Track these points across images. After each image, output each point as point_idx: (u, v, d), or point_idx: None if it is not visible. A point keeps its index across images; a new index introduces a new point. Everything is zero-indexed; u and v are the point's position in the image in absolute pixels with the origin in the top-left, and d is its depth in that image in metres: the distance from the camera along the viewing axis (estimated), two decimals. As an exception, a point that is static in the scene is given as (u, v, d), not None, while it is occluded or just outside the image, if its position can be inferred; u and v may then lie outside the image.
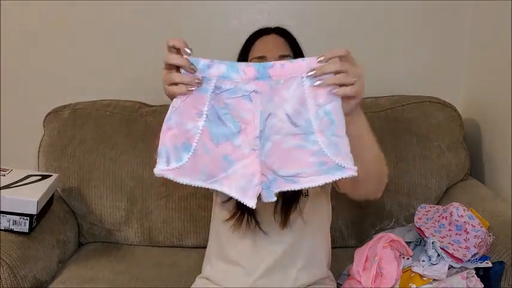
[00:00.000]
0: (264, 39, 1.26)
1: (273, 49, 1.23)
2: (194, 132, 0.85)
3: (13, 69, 1.97)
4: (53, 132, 1.76)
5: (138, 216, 1.72)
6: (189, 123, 0.85)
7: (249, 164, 0.86)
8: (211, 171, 0.86)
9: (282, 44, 1.25)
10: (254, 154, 0.86)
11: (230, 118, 0.86)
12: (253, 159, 0.86)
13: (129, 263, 1.61)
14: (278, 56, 1.21)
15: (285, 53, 1.23)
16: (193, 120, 0.85)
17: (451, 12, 1.89)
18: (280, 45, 1.24)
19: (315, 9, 1.90)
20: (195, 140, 0.85)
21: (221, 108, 0.85)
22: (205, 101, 0.84)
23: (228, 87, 0.85)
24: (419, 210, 1.48)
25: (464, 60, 1.92)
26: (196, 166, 0.85)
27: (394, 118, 1.72)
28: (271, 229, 1.23)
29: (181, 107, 0.84)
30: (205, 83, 0.84)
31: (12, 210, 1.43)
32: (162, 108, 1.82)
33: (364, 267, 1.28)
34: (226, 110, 0.86)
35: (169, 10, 1.91)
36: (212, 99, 0.85)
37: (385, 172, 1.09)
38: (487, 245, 1.30)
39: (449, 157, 1.69)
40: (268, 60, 1.16)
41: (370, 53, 1.93)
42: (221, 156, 0.86)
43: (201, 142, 0.85)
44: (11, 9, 1.92)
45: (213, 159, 0.86)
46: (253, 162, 0.86)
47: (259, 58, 1.22)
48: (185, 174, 0.85)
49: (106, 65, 1.96)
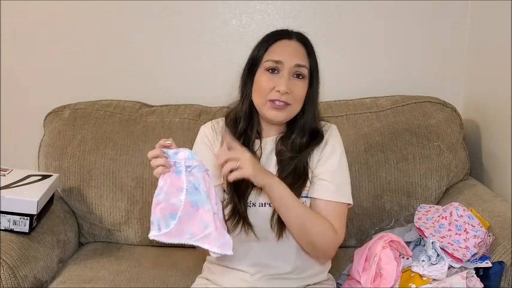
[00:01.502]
0: (285, 43, 1.25)
1: (292, 56, 1.22)
2: (178, 204, 1.07)
3: (13, 69, 1.97)
4: (53, 132, 1.77)
5: (138, 216, 1.72)
6: (173, 198, 1.07)
7: (217, 226, 1.08)
8: (193, 231, 1.08)
9: (301, 52, 1.25)
10: (215, 217, 1.09)
11: (202, 187, 1.08)
12: (216, 221, 1.08)
13: (129, 263, 1.61)
14: (295, 64, 1.21)
15: (302, 63, 1.23)
16: (176, 196, 1.07)
17: (451, 13, 1.89)
18: (299, 53, 1.24)
19: (315, 9, 1.90)
20: (180, 210, 1.07)
21: (195, 181, 1.08)
22: (182, 180, 1.07)
23: (195, 164, 1.07)
24: (419, 210, 1.48)
25: (464, 60, 1.92)
26: (181, 229, 1.08)
27: (394, 118, 1.72)
28: (268, 236, 1.24)
29: (166, 187, 1.07)
30: (178, 167, 1.07)
31: (13, 210, 1.43)
32: (162, 108, 1.83)
33: (363, 268, 1.28)
34: (199, 181, 1.08)
35: (169, 10, 1.92)
36: (188, 176, 1.07)
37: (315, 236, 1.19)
38: (486, 245, 1.30)
39: (449, 157, 1.69)
40: (284, 66, 1.22)
41: (370, 53, 1.93)
42: (199, 219, 1.08)
43: (184, 210, 1.07)
44: (11, 9, 1.92)
45: (194, 222, 1.08)
46: (217, 223, 1.08)
47: (276, 62, 1.22)
48: (174, 236, 1.08)
49: (106, 65, 1.96)
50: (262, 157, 1.27)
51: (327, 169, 1.24)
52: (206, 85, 1.94)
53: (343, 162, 1.27)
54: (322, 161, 1.25)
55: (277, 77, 1.21)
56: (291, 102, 1.21)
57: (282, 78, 1.20)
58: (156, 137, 1.73)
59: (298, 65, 1.22)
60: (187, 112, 1.79)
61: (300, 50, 1.25)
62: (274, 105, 1.21)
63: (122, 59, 1.96)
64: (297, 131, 1.27)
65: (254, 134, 1.28)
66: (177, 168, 1.07)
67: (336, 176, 1.24)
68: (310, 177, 1.25)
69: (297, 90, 1.21)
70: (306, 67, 1.23)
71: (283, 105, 1.21)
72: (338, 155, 1.26)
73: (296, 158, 1.24)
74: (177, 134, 1.73)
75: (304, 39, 1.28)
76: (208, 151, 1.29)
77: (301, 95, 1.23)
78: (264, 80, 1.22)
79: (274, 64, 1.22)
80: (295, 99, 1.22)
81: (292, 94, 1.21)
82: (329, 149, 1.26)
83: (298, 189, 1.22)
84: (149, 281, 1.51)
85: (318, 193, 1.23)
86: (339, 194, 1.23)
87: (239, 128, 1.28)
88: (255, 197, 1.24)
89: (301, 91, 1.23)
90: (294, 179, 1.22)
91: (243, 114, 1.28)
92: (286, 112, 1.22)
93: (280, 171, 1.24)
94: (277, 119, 1.23)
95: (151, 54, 1.96)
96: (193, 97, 1.89)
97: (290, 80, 1.21)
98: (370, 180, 1.67)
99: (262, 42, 1.27)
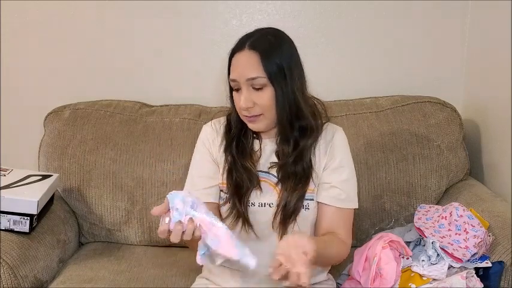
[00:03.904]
0: (237, 57, 1.21)
1: (242, 70, 1.18)
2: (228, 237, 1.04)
3: (13, 69, 1.97)
4: (53, 132, 1.77)
5: (138, 216, 1.72)
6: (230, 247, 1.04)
7: None
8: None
9: (253, 62, 1.17)
10: None
11: None
12: None
13: (129, 263, 1.61)
14: (247, 78, 1.17)
15: (254, 75, 1.17)
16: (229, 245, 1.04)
17: (451, 12, 1.89)
18: (249, 65, 1.17)
19: (315, 9, 1.90)
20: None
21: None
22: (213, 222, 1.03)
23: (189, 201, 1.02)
24: (419, 210, 1.48)
25: (464, 60, 1.92)
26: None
27: (394, 118, 1.72)
28: (268, 235, 1.24)
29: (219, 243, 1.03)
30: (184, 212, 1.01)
31: (13, 210, 1.43)
32: (162, 108, 1.83)
33: (363, 268, 1.29)
34: None
35: (169, 10, 1.91)
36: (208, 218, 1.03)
37: (341, 257, 1.26)
38: (486, 244, 1.31)
39: (449, 157, 1.69)
40: (239, 83, 1.19)
41: (370, 53, 1.93)
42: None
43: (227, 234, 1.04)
44: (11, 9, 1.92)
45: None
46: None
47: (233, 81, 1.20)
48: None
49: (106, 65, 1.96)
50: (262, 158, 1.28)
51: (340, 179, 1.25)
52: (206, 85, 1.93)
53: (353, 169, 1.29)
54: (332, 169, 1.25)
55: (241, 93, 1.20)
56: (260, 112, 1.20)
57: (241, 95, 1.19)
58: (156, 137, 1.73)
59: (250, 78, 1.17)
60: (187, 112, 1.79)
61: (251, 59, 1.17)
62: (247, 119, 1.22)
63: (122, 59, 1.96)
64: (288, 130, 1.24)
65: (249, 138, 1.28)
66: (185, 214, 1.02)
67: (348, 184, 1.27)
68: (313, 178, 1.25)
69: (260, 101, 1.18)
70: (260, 77, 1.17)
71: (254, 117, 1.21)
72: (349, 163, 1.28)
73: (297, 160, 1.23)
74: (177, 134, 1.73)
75: (259, 43, 1.18)
76: (206, 152, 1.31)
77: (267, 103, 1.18)
78: (235, 99, 1.23)
79: (233, 83, 1.21)
80: (262, 108, 1.19)
81: (257, 105, 1.19)
82: (338, 156, 1.26)
83: (301, 190, 1.22)
84: (149, 281, 1.51)
85: (331, 200, 1.25)
86: (349, 201, 1.26)
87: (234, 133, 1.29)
88: (255, 197, 1.24)
89: (266, 100, 1.18)
90: (296, 181, 1.23)
91: (233, 124, 1.29)
92: (262, 122, 1.21)
93: (282, 173, 1.24)
94: (258, 130, 1.24)
95: (151, 54, 1.96)
96: (193, 97, 1.89)
97: (250, 94, 1.18)
98: (370, 180, 1.67)
99: (228, 63, 1.24)
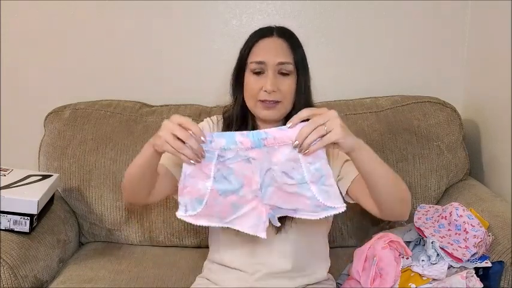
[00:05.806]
0: (265, 41, 1.25)
1: (274, 54, 1.22)
2: (204, 191, 1.04)
3: (13, 69, 1.97)
4: (53, 132, 1.77)
5: (138, 216, 1.72)
6: (199, 183, 1.03)
7: (255, 206, 1.06)
8: (222, 215, 1.06)
9: (284, 48, 1.24)
10: (257, 199, 1.05)
11: (234, 177, 1.04)
12: (258, 202, 1.06)
13: (129, 263, 1.61)
14: (277, 62, 1.21)
15: (285, 60, 1.22)
16: (202, 181, 1.03)
17: (450, 12, 1.89)
18: (281, 50, 1.23)
19: (315, 9, 1.91)
20: (206, 196, 1.04)
21: (226, 171, 1.03)
22: (211, 167, 1.02)
23: (229, 156, 1.02)
24: (419, 210, 1.48)
25: (464, 60, 1.92)
26: (209, 213, 1.05)
27: (394, 118, 1.73)
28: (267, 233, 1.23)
29: (192, 172, 1.02)
30: (209, 153, 1.01)
31: (13, 210, 1.43)
32: (162, 108, 1.83)
33: (363, 268, 1.29)
34: (230, 172, 1.03)
35: (169, 10, 1.92)
36: (217, 165, 1.02)
37: (404, 191, 1.14)
38: (486, 244, 1.31)
39: (448, 157, 1.69)
40: (267, 66, 1.21)
41: (370, 53, 1.93)
42: (229, 204, 1.05)
43: (211, 197, 1.04)
44: (11, 9, 1.92)
45: (223, 207, 1.05)
46: (258, 204, 1.06)
47: (259, 63, 1.22)
48: (201, 218, 1.06)
49: (106, 65, 1.96)
50: None
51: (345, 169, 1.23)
52: (206, 85, 1.94)
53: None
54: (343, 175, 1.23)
55: (263, 77, 1.22)
56: (280, 99, 1.22)
57: (267, 78, 1.21)
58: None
59: (281, 62, 1.21)
60: (187, 112, 1.79)
61: (282, 46, 1.24)
62: (264, 105, 1.22)
63: (122, 59, 1.96)
64: None
65: None
66: (208, 154, 1.01)
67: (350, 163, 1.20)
68: None
69: (284, 87, 1.22)
70: (290, 63, 1.22)
71: (273, 103, 1.22)
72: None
73: None
74: (177, 134, 1.73)
75: (286, 32, 1.27)
76: None
77: (290, 90, 1.23)
78: (252, 82, 1.23)
79: (258, 66, 1.22)
80: (284, 96, 1.22)
81: (280, 91, 1.21)
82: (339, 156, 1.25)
83: None
84: (149, 281, 1.51)
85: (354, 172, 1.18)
86: None
87: (233, 129, 1.28)
88: None
89: (289, 87, 1.23)
90: None
91: (234, 117, 1.30)
92: (278, 110, 1.23)
93: None
94: (270, 118, 1.24)
95: (151, 54, 1.96)
96: (193, 97, 1.89)
97: (276, 78, 1.21)
98: (370, 180, 1.67)
99: (246, 43, 1.27)
